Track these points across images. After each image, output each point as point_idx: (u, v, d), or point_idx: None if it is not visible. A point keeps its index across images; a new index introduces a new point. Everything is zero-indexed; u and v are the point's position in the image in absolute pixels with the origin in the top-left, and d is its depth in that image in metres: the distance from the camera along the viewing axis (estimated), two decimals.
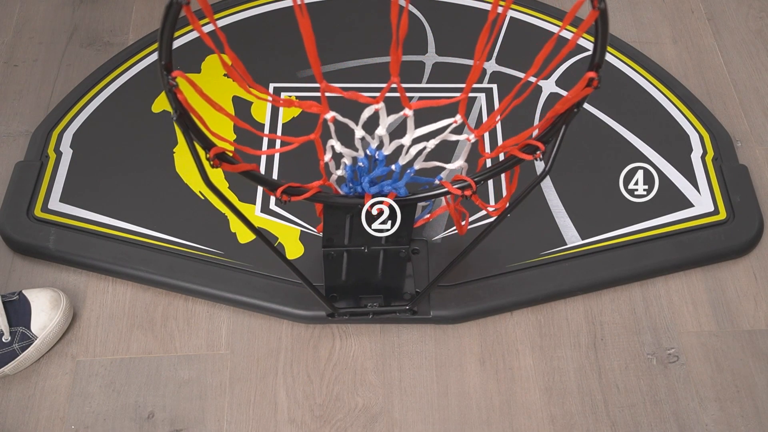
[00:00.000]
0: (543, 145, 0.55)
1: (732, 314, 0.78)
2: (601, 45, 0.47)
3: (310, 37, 0.47)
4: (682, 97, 0.93)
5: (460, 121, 0.55)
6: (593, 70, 0.49)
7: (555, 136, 0.55)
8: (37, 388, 0.72)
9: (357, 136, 0.58)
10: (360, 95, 0.52)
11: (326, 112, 0.54)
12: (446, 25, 0.99)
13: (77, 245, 0.79)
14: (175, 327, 0.76)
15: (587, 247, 0.80)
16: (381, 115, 0.55)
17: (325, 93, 0.52)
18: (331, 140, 0.60)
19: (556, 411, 0.72)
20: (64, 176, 0.84)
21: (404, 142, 0.58)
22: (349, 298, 0.75)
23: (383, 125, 0.56)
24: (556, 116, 0.54)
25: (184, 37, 0.96)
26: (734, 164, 0.87)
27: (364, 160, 0.62)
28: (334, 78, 0.93)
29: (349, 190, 0.64)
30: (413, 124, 0.56)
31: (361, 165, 0.63)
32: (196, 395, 0.72)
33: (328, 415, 0.71)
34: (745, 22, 1.04)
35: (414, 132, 0.56)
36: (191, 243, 0.79)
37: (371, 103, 0.53)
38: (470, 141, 0.58)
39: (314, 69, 0.49)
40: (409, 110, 0.53)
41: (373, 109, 0.53)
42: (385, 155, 0.60)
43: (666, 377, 0.74)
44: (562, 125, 0.54)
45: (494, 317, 0.77)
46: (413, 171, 0.61)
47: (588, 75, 0.49)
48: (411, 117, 0.54)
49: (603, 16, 0.45)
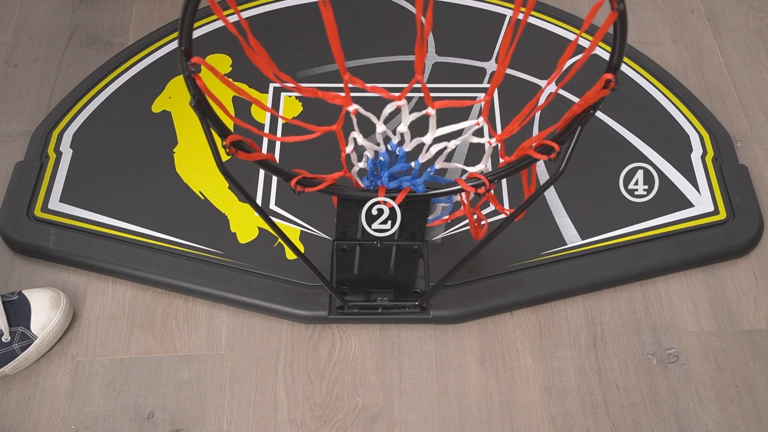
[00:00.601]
0: (558, 145, 0.55)
1: (732, 314, 0.78)
2: (620, 46, 0.47)
3: (333, 28, 0.46)
4: (682, 97, 0.93)
5: (483, 123, 0.55)
6: (611, 72, 0.49)
7: (570, 137, 0.55)
8: (37, 388, 0.72)
9: (378, 131, 0.58)
10: (383, 90, 0.51)
11: (349, 104, 0.54)
12: (446, 25, 0.99)
13: (77, 245, 0.79)
14: (175, 327, 0.76)
15: (587, 247, 0.80)
16: (403, 112, 0.55)
17: (349, 86, 0.51)
18: (354, 132, 0.59)
19: (556, 411, 0.72)
20: (64, 176, 0.84)
21: (425, 140, 0.58)
22: (359, 293, 0.75)
23: (405, 122, 0.56)
24: (573, 117, 0.54)
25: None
26: (734, 164, 0.87)
27: (385, 154, 0.62)
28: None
29: (370, 183, 0.64)
30: (435, 123, 0.56)
31: (382, 159, 0.63)
32: (196, 395, 0.72)
33: (328, 416, 0.71)
34: (745, 22, 1.04)
35: (436, 131, 0.56)
36: (191, 243, 0.79)
37: (394, 99, 0.52)
38: (491, 144, 0.58)
39: (337, 61, 0.48)
40: (432, 109, 0.53)
41: (395, 105, 0.53)
42: (405, 151, 0.60)
43: (666, 377, 0.74)
44: (577, 126, 0.54)
45: (494, 317, 0.77)
46: (433, 170, 0.61)
47: (605, 77, 0.49)
48: (434, 116, 0.54)
49: (622, 17, 0.45)
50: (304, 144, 0.70)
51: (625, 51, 0.48)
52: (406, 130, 0.57)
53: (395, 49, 0.96)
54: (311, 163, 0.68)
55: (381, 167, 0.63)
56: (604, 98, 0.50)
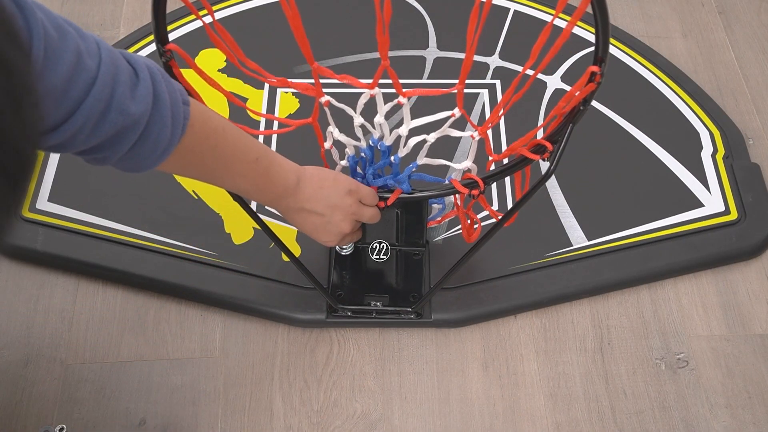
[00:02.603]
0: (551, 144, 0.52)
1: (743, 318, 0.76)
2: (603, 37, 0.45)
3: (296, 17, 0.45)
4: (691, 93, 0.90)
5: (459, 114, 0.53)
6: (596, 65, 0.46)
7: (563, 135, 0.53)
8: (24, 393, 0.70)
9: (356, 123, 0.56)
10: (354, 79, 0.50)
11: (321, 96, 0.53)
12: (448, 19, 0.96)
13: (66, 246, 0.76)
14: (167, 330, 0.74)
15: (594, 248, 0.78)
16: (378, 102, 0.54)
17: (319, 77, 0.50)
18: (330, 126, 0.59)
19: (562, 417, 0.69)
20: (53, 175, 0.81)
21: (401, 132, 0.56)
22: (355, 296, 0.73)
23: (381, 112, 0.54)
24: (564, 115, 0.52)
25: (177, 31, 0.94)
26: (746, 163, 0.84)
27: (368, 150, 0.60)
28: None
29: None
30: (409, 113, 0.54)
31: (364, 156, 0.61)
32: (189, 401, 0.70)
33: (326, 422, 0.69)
34: (757, 15, 1.01)
35: (411, 122, 0.55)
36: (184, 244, 0.77)
37: (366, 88, 0.51)
38: (474, 138, 0.56)
39: (303, 50, 0.48)
40: (404, 98, 0.52)
41: (369, 94, 0.52)
42: (387, 146, 0.59)
43: (675, 383, 0.72)
44: (568, 125, 0.52)
45: (497, 321, 0.75)
46: (416, 166, 0.60)
47: (590, 69, 0.46)
48: (406, 105, 0.53)
49: (600, 3, 0.42)
50: (304, 141, 0.68)
51: (609, 41, 0.45)
52: (383, 121, 0.55)
53: (395, 44, 0.94)
54: (313, 156, 0.66)
55: (364, 164, 0.61)
56: (593, 93, 0.48)
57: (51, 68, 0.36)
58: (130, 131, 0.42)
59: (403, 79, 0.90)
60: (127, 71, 0.41)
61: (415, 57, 0.93)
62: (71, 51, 0.37)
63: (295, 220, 0.60)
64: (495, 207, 0.80)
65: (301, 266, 0.66)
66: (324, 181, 0.58)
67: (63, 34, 0.37)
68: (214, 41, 0.49)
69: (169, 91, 0.44)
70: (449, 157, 0.83)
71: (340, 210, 0.60)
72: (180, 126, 0.45)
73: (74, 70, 0.37)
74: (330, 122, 0.57)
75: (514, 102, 0.51)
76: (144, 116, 0.42)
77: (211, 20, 0.48)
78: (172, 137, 0.44)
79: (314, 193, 0.58)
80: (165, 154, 0.45)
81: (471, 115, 0.88)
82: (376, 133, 0.58)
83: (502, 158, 0.58)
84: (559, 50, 0.45)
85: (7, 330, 0.73)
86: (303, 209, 0.59)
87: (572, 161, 0.83)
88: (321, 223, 0.60)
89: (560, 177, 0.83)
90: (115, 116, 0.40)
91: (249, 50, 0.92)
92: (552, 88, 0.90)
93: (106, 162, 0.44)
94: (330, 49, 0.93)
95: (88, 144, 0.41)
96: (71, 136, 0.39)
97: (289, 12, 0.44)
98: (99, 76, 0.39)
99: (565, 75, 0.91)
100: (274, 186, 0.56)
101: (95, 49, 0.39)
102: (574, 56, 0.92)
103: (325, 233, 0.61)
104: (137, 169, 0.46)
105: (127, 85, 0.41)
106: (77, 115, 0.38)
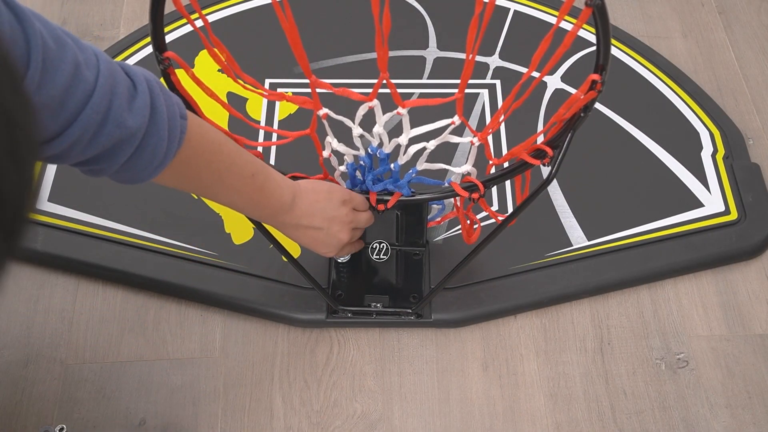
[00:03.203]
0: (552, 150, 0.52)
1: (743, 318, 0.76)
2: (604, 45, 0.44)
3: (293, 29, 0.45)
4: (691, 93, 0.90)
5: (459, 122, 0.53)
6: (597, 73, 0.46)
7: (563, 142, 0.53)
8: (24, 394, 0.70)
9: (355, 134, 0.56)
10: (351, 92, 0.50)
11: (319, 108, 0.53)
12: (448, 19, 0.96)
13: (66, 246, 0.76)
14: (167, 330, 0.74)
15: (594, 248, 0.77)
16: (377, 113, 0.53)
17: (316, 89, 0.50)
18: (328, 137, 0.58)
19: (562, 418, 0.69)
20: (53, 175, 0.81)
21: (401, 141, 0.56)
22: (356, 297, 0.73)
23: (380, 123, 0.54)
24: (564, 121, 0.52)
25: (176, 32, 0.94)
26: (746, 162, 0.84)
27: (366, 158, 0.60)
28: (331, 74, 0.90)
29: (352, 187, 0.63)
30: (408, 123, 0.54)
31: (362, 164, 0.61)
32: (188, 401, 0.69)
33: (326, 422, 0.69)
34: (757, 15, 1.01)
35: (410, 132, 0.55)
36: (184, 244, 0.77)
37: (365, 101, 0.51)
38: (474, 144, 0.56)
39: (301, 64, 0.48)
40: (403, 109, 0.51)
41: (367, 106, 0.52)
42: (386, 153, 0.59)
43: (675, 383, 0.71)
44: (569, 132, 0.52)
45: (497, 321, 0.75)
46: (415, 171, 0.60)
47: (591, 78, 0.46)
48: (405, 116, 0.53)
49: (601, 12, 0.41)
50: (303, 148, 0.68)
51: (610, 49, 0.45)
52: (382, 131, 0.55)
53: (395, 44, 0.94)
54: (311, 164, 0.66)
55: (363, 171, 0.62)
56: (594, 101, 0.48)
57: (49, 79, 0.36)
58: (127, 144, 0.41)
59: (403, 79, 0.90)
60: (125, 83, 0.41)
61: (415, 57, 0.93)
62: (69, 62, 0.37)
63: (292, 235, 0.61)
64: (495, 207, 0.80)
65: (300, 268, 0.66)
66: (319, 195, 0.59)
67: (61, 45, 0.36)
68: (212, 56, 0.48)
69: (167, 105, 0.43)
70: (449, 158, 0.83)
71: (337, 221, 0.60)
72: (176, 140, 0.44)
73: (72, 81, 0.37)
74: (328, 132, 0.57)
75: (514, 107, 0.51)
76: (141, 129, 0.41)
77: (209, 28, 0.48)
78: (168, 151, 0.44)
79: (310, 207, 0.58)
80: (161, 167, 0.45)
81: (471, 115, 0.87)
82: (375, 141, 0.58)
83: (502, 162, 0.58)
84: (570, 55, 0.45)
85: (7, 330, 0.73)
86: (300, 225, 0.59)
87: (573, 161, 0.83)
88: (320, 236, 0.61)
89: (560, 177, 0.82)
90: (112, 128, 0.40)
91: (249, 50, 0.93)
92: (552, 88, 0.90)
93: (103, 174, 0.44)
94: (330, 49, 0.93)
95: (85, 155, 0.41)
96: (68, 148, 0.39)
97: (286, 25, 0.44)
98: (97, 87, 0.38)
99: (565, 75, 0.91)
100: (270, 202, 0.56)
101: (94, 60, 0.39)
102: (575, 56, 0.92)
103: (324, 245, 0.62)
104: (133, 181, 0.45)
105: (125, 97, 0.40)
106: (74, 127, 0.38)
